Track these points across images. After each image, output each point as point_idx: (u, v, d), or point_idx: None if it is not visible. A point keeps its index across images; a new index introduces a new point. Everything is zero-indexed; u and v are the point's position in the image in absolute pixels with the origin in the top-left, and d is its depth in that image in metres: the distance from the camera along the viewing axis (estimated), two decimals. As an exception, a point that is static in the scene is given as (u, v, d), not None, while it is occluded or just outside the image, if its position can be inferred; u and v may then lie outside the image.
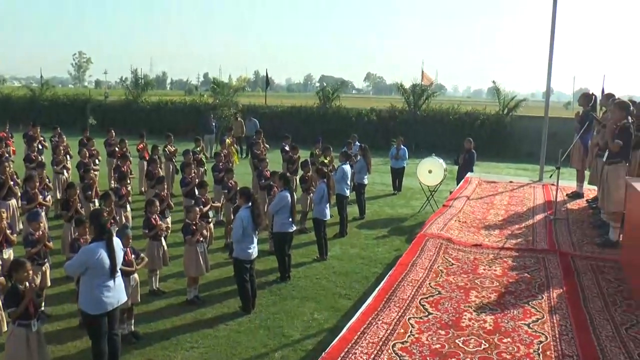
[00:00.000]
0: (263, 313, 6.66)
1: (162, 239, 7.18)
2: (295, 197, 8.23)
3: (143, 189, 12.27)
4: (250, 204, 6.73)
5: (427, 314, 4.68)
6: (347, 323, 4.64)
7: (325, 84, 33.92)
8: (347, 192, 10.64)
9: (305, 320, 6.49)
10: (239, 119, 21.42)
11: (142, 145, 13.14)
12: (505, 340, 4.23)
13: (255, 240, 6.79)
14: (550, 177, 9.03)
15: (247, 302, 6.67)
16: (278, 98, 39.02)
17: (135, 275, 5.81)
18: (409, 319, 4.58)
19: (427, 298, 5.02)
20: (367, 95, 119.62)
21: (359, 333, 4.33)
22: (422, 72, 27.32)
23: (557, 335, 4.35)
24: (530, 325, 4.52)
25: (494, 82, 25.88)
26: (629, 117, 7.14)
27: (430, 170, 12.23)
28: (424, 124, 24.59)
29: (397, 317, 4.60)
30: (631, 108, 7.37)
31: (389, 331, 4.37)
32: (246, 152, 18.89)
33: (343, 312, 6.67)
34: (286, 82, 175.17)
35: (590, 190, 9.70)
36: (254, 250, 6.74)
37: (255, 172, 11.89)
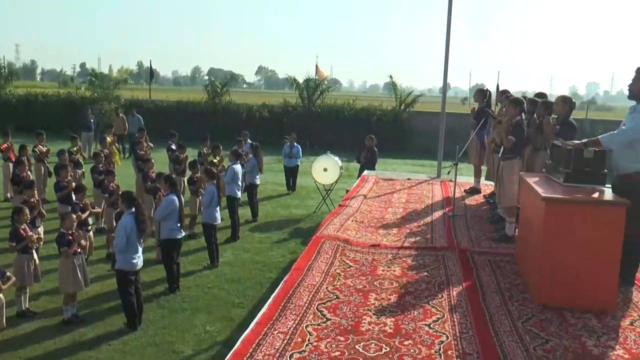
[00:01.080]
0: (151, 328, 6.42)
1: (33, 251, 6.72)
2: (183, 200, 8.03)
3: (9, 195, 11.50)
4: (133, 209, 6.50)
5: (325, 320, 4.69)
6: (242, 334, 4.55)
7: (214, 78, 33.41)
8: (239, 193, 10.55)
9: (197, 333, 6.34)
10: (120, 114, 20.57)
11: (6, 144, 12.21)
12: (406, 343, 4.33)
13: (140, 249, 6.56)
14: (448, 173, 9.44)
15: (132, 318, 6.43)
16: (164, 92, 38.01)
17: (0, 295, 5.39)
18: (307, 326, 4.56)
19: (324, 303, 5.04)
20: (259, 90, 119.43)
21: (254, 345, 4.26)
22: (316, 66, 27.71)
23: (457, 334, 4.52)
24: (431, 326, 4.66)
25: (390, 77, 26.67)
26: (523, 114, 7.61)
27: (326, 168, 12.38)
28: (318, 120, 24.91)
29: (294, 325, 4.57)
30: (525, 105, 7.86)
31: (285, 341, 4.33)
32: (129, 152, 18.21)
33: (237, 322, 6.57)
34: (173, 75, 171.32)
35: (488, 186, 10.25)
36: (139, 260, 6.52)
37: (139, 173, 11.50)
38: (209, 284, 7.92)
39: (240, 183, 10.71)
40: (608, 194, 5.52)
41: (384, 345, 4.28)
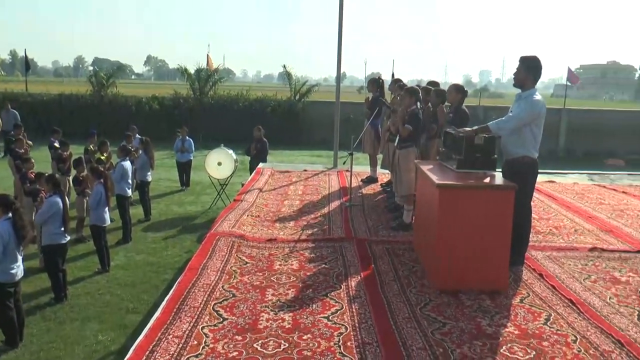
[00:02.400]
0: (35, 344, 6.07)
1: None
2: (68, 201, 7.66)
3: None
4: (10, 214, 6.10)
5: (221, 320, 4.60)
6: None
7: (98, 68, 32.05)
8: (129, 191, 10.23)
9: (89, 344, 6.06)
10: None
11: None
12: (305, 337, 4.33)
13: (20, 257, 6.20)
14: (344, 163, 9.59)
15: (13, 334, 6.07)
16: (43, 84, 35.98)
17: None
18: (202, 328, 4.46)
19: (220, 303, 4.95)
20: (148, 81, 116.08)
21: (147, 352, 4.10)
22: (208, 56, 27.26)
23: (357, 325, 4.58)
24: (330, 318, 4.70)
25: (284, 66, 26.75)
26: (418, 103, 7.85)
27: (220, 162, 12.25)
28: (211, 112, 24.58)
29: (189, 328, 4.46)
30: (420, 94, 8.11)
31: (180, 345, 4.21)
32: (4, 151, 17.14)
33: (132, 329, 6.36)
34: (53, 65, 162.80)
35: (385, 175, 10.49)
36: (18, 269, 6.18)
37: (17, 174, 10.84)
38: (100, 290, 7.61)
39: (130, 181, 10.39)
40: (498, 178, 5.81)
41: (282, 342, 4.26)
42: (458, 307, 5.01)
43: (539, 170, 6.28)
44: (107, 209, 8.56)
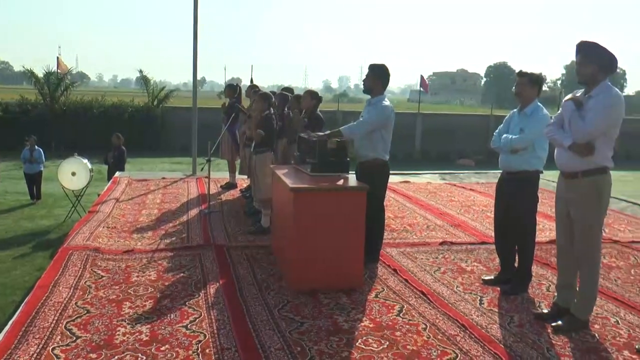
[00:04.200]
0: None
1: None
2: None
3: None
4: None
5: (74, 338, 4.45)
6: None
7: None
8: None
9: None
10: None
11: None
12: (163, 348, 4.31)
13: None
14: (201, 170, 9.54)
15: None
16: None
17: None
18: (53, 349, 4.29)
19: (73, 320, 4.78)
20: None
21: (-11, 381, 3.89)
22: (58, 58, 25.83)
23: (215, 331, 4.62)
24: (188, 327, 4.71)
25: (140, 71, 26.01)
26: (271, 108, 8.01)
27: (74, 172, 11.72)
28: (63, 119, 23.35)
29: (38, 350, 4.26)
30: (273, 99, 8.29)
31: (28, 368, 4.03)
32: None
33: (-26, 357, 5.92)
34: None
35: (244, 180, 10.57)
36: None
37: None
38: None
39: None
40: (352, 180, 6.10)
41: (140, 355, 4.21)
42: (315, 306, 5.20)
43: (395, 172, 6.66)
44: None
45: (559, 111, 4.87)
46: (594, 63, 4.59)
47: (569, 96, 4.88)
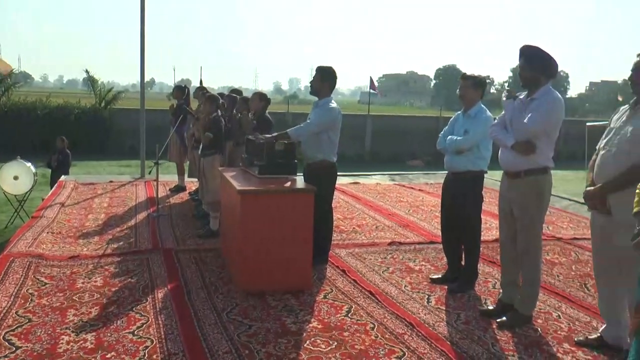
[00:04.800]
0: None
1: None
2: None
3: None
4: None
5: (14, 349, 4.33)
6: None
7: None
8: None
9: None
10: None
11: None
12: (108, 356, 4.25)
13: None
14: (149, 173, 9.43)
15: None
16: None
17: None
18: (-8, 360, 4.18)
19: (14, 330, 4.65)
20: None
21: None
22: (-2, 58, 25.10)
23: (163, 337, 4.58)
24: (135, 333, 4.65)
25: (86, 71, 25.49)
26: (219, 110, 7.99)
27: (17, 176, 11.37)
28: (5, 121, 22.62)
29: (-25, 363, 4.15)
30: (221, 101, 8.27)
31: (-36, 383, 3.90)
32: None
33: None
34: None
35: (193, 183, 10.48)
36: None
37: None
38: None
39: None
40: (299, 182, 6.14)
41: (84, 363, 4.14)
42: (264, 309, 5.21)
43: (344, 173, 6.73)
44: None
45: (503, 112, 5.01)
46: (536, 67, 4.76)
47: (504, 94, 5.05)
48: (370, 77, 30.91)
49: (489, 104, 5.86)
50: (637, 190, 3.52)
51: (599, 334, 4.69)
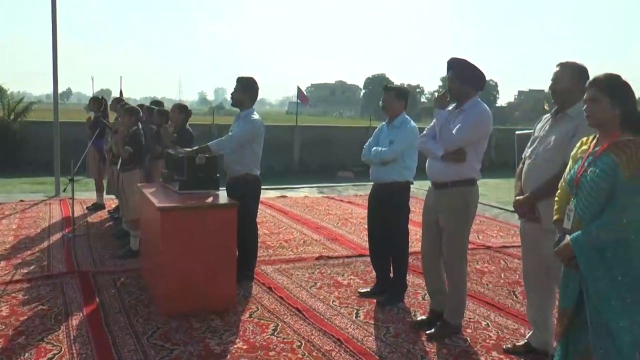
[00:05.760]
0: None
1: None
2: None
3: None
4: None
5: None
6: None
7: None
8: None
9: None
10: None
11: None
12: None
13: None
14: (64, 190, 9.07)
15: None
16: None
17: None
18: None
19: None
20: None
21: None
22: None
23: (77, 367, 4.38)
24: (47, 364, 4.43)
25: (-6, 82, 24.32)
26: (139, 123, 7.78)
27: None
28: None
29: None
30: (141, 114, 8.05)
31: None
32: None
33: None
34: None
35: (113, 200, 10.15)
36: None
37: None
38: None
39: None
40: (222, 197, 6.05)
41: (-12, 401, 3.90)
42: (187, 331, 5.07)
43: (271, 186, 6.68)
44: None
45: (433, 123, 5.10)
46: (464, 80, 4.88)
47: (435, 100, 5.16)
48: (298, 87, 30.78)
49: (420, 113, 5.95)
50: (556, 199, 3.64)
51: (526, 340, 4.82)
